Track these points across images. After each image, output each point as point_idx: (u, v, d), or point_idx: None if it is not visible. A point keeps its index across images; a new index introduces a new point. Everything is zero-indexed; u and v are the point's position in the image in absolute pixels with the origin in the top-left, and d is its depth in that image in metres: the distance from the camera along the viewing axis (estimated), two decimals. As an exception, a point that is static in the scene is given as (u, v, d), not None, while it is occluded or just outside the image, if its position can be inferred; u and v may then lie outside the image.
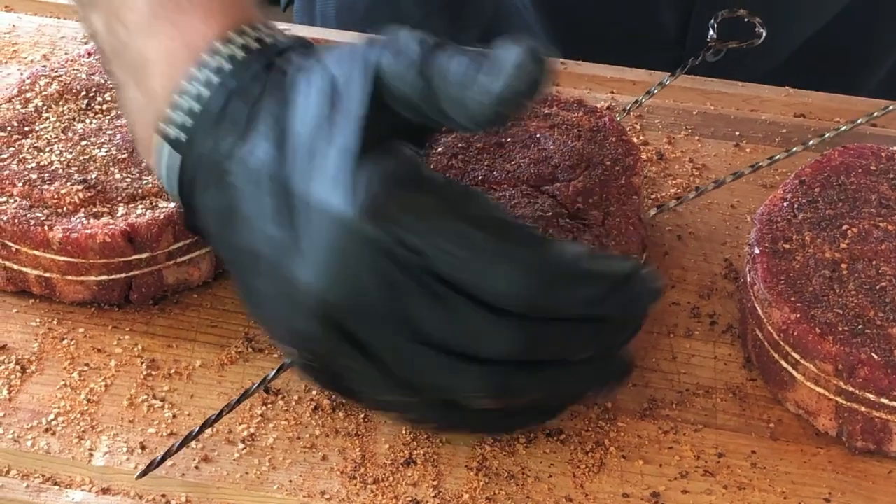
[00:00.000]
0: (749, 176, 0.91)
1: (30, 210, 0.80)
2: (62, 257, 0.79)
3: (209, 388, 0.78)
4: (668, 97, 0.99)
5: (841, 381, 0.73)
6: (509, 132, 0.85)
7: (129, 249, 0.79)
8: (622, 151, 0.84)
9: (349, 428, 0.75)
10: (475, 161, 0.83)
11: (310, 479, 0.73)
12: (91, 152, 0.83)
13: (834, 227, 0.79)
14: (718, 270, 0.86)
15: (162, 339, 0.80)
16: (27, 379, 0.78)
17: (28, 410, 0.76)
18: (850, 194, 0.81)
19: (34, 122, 0.85)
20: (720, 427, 0.76)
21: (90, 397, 0.77)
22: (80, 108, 0.86)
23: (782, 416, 0.77)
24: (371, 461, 0.74)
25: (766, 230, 0.79)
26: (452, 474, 0.74)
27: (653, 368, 0.80)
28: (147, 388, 0.78)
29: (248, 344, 0.80)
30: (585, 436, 0.76)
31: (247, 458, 0.74)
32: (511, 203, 0.80)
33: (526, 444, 0.75)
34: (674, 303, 0.84)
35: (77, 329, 0.81)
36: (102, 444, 0.74)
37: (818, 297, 0.75)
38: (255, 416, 0.76)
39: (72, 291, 0.81)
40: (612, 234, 0.79)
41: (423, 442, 0.75)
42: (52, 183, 0.81)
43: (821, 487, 0.73)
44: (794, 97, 1.00)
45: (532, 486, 0.73)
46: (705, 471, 0.74)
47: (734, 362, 0.80)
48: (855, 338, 0.73)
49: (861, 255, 0.77)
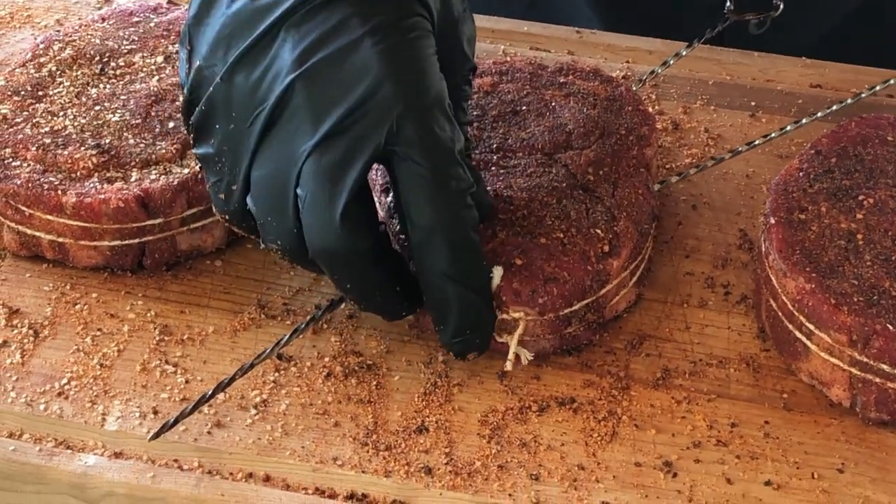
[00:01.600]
0: (764, 146, 0.91)
1: (43, 174, 0.80)
2: (75, 222, 0.79)
3: (222, 354, 0.78)
4: (685, 67, 0.98)
5: (855, 351, 0.73)
6: (525, 100, 0.84)
7: (143, 215, 0.79)
8: (637, 121, 0.84)
9: (361, 395, 0.75)
10: (490, 129, 0.82)
11: (322, 446, 0.73)
12: (105, 117, 0.83)
13: (850, 197, 0.79)
14: (733, 241, 0.86)
15: (175, 305, 0.80)
16: (40, 343, 0.78)
17: (41, 375, 0.76)
18: (867, 165, 0.81)
19: (48, 87, 0.85)
20: (733, 397, 0.76)
21: (103, 362, 0.77)
22: (94, 73, 0.86)
23: (796, 387, 0.77)
24: (383, 428, 0.74)
25: (781, 200, 0.79)
26: (464, 442, 0.73)
27: (666, 338, 0.79)
28: (160, 353, 0.78)
29: (261, 310, 0.80)
30: (598, 405, 0.75)
31: (259, 423, 0.74)
32: (526, 172, 0.80)
33: (538, 413, 0.75)
34: (688, 273, 0.83)
35: (90, 294, 0.81)
36: (115, 409, 0.74)
37: (833, 268, 0.75)
38: (268, 383, 0.76)
39: (85, 256, 0.81)
40: (623, 205, 0.79)
41: (436, 409, 0.75)
42: (65, 147, 0.81)
43: (834, 458, 0.73)
44: (810, 67, 0.99)
45: (544, 455, 0.73)
46: (718, 440, 0.74)
47: (748, 332, 0.80)
48: (870, 308, 0.73)
49: (877, 225, 0.77)
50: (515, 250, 0.75)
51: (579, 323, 0.77)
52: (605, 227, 0.77)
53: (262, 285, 0.82)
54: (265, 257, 0.83)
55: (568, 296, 0.75)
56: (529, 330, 0.75)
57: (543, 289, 0.74)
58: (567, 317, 0.76)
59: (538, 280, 0.74)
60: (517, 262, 0.75)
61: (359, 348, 0.78)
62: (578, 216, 0.77)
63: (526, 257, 0.75)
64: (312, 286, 0.82)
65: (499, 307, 0.74)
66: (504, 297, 0.74)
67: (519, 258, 0.75)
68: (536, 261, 0.75)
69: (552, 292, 0.75)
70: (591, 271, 0.75)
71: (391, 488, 0.71)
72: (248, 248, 0.84)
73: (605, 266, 0.76)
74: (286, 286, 0.82)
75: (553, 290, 0.75)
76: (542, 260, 0.75)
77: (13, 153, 0.81)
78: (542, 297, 0.74)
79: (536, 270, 0.75)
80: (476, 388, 0.76)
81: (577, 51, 1.00)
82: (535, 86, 0.86)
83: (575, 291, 0.75)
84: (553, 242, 0.76)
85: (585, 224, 0.77)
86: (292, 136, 0.68)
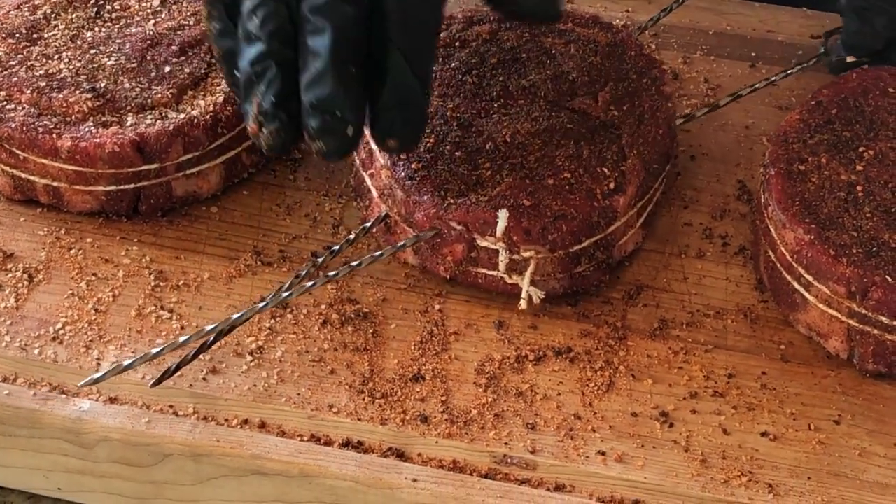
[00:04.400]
0: (764, 97, 0.90)
1: (38, 118, 0.79)
2: (70, 166, 0.78)
3: (217, 301, 0.77)
4: (685, 16, 0.97)
5: (854, 303, 0.72)
6: (524, 47, 0.84)
7: (138, 159, 0.78)
8: (644, 65, 0.83)
9: (357, 343, 0.75)
10: (490, 77, 0.82)
11: (318, 393, 0.73)
12: (100, 61, 0.82)
13: (850, 149, 0.78)
14: (731, 191, 0.85)
15: (170, 251, 0.80)
16: (34, 288, 0.77)
17: (35, 319, 0.76)
18: (868, 116, 0.80)
19: (42, 30, 0.84)
20: (730, 348, 0.76)
21: (98, 307, 0.76)
22: (90, 16, 0.85)
23: (793, 339, 0.77)
24: (379, 376, 0.74)
25: (781, 151, 0.78)
26: (461, 390, 0.73)
27: (664, 289, 0.79)
28: (155, 299, 0.77)
29: (257, 257, 0.80)
30: (595, 355, 0.75)
31: (255, 370, 0.74)
32: (531, 116, 0.79)
33: (535, 363, 0.75)
34: (686, 223, 0.83)
35: (85, 239, 0.80)
36: (110, 354, 0.74)
37: (833, 219, 0.74)
38: (264, 329, 0.76)
39: (80, 201, 0.80)
40: (640, 142, 0.78)
41: (432, 358, 0.75)
42: (60, 91, 0.80)
43: (831, 409, 0.73)
44: (811, 18, 0.99)
45: (540, 404, 0.73)
46: (715, 391, 0.74)
47: (746, 284, 0.80)
48: (869, 260, 0.72)
49: (877, 177, 0.77)
50: (523, 192, 0.75)
51: (589, 262, 0.76)
52: (612, 166, 0.77)
53: (258, 232, 0.81)
54: (261, 204, 0.83)
55: (577, 232, 0.75)
56: (540, 269, 0.75)
57: (553, 225, 0.74)
58: (577, 254, 0.76)
59: (547, 218, 0.74)
60: (525, 202, 0.75)
61: (355, 296, 0.78)
62: (590, 156, 0.77)
63: (533, 198, 0.75)
64: (308, 233, 0.81)
65: (509, 248, 0.74)
66: (515, 236, 0.74)
67: (527, 199, 0.75)
68: (544, 200, 0.75)
69: (561, 228, 0.74)
70: (597, 207, 0.75)
71: (387, 436, 0.71)
72: (244, 194, 0.83)
73: (611, 203, 0.76)
74: (282, 233, 0.81)
75: (562, 226, 0.75)
76: (550, 199, 0.75)
77: (7, 96, 0.80)
78: (551, 234, 0.74)
79: (544, 209, 0.75)
80: (473, 337, 0.76)
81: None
82: (534, 33, 0.85)
83: (583, 227, 0.75)
84: (560, 182, 0.76)
85: (594, 163, 0.77)
86: None
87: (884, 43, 0.88)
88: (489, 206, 0.74)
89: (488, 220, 0.74)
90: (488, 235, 0.74)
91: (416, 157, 0.77)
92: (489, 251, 0.75)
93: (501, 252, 0.74)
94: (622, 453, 0.71)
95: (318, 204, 0.83)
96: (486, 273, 0.76)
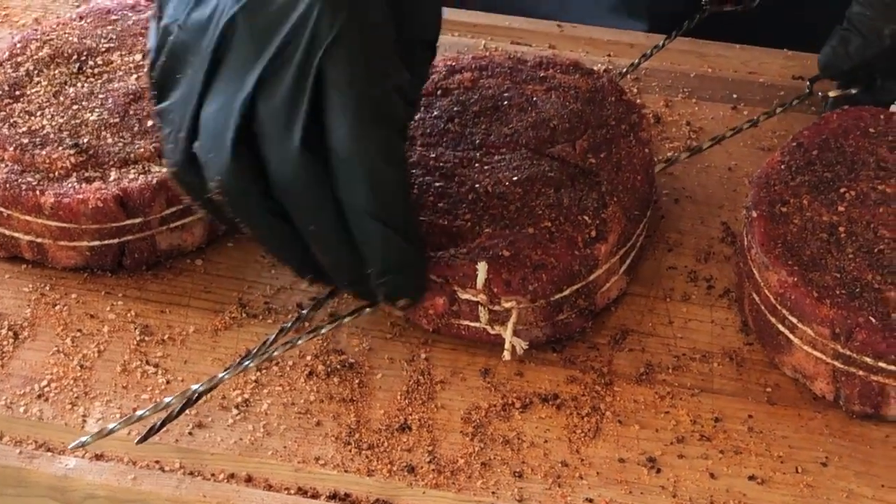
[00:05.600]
0: (746, 139, 0.90)
1: (21, 175, 0.79)
2: (54, 222, 0.78)
3: (203, 354, 0.77)
4: (666, 60, 0.98)
5: (838, 344, 0.72)
6: (506, 95, 0.84)
7: (122, 214, 0.79)
8: (624, 111, 0.84)
9: (344, 393, 0.75)
10: (472, 125, 0.82)
11: (304, 445, 0.73)
12: (83, 116, 0.82)
13: (832, 189, 0.79)
14: (716, 234, 0.85)
15: (155, 305, 0.80)
16: (20, 345, 0.77)
17: (21, 376, 0.76)
18: (849, 157, 0.80)
19: (25, 87, 0.84)
20: (717, 391, 0.76)
21: (83, 363, 0.76)
22: (72, 71, 0.85)
23: (779, 381, 0.76)
24: (366, 427, 0.74)
25: (763, 193, 0.78)
26: (447, 439, 0.73)
27: (649, 333, 0.79)
28: (140, 353, 0.77)
29: (242, 309, 0.80)
30: (581, 401, 0.75)
31: (241, 423, 0.74)
32: (512, 165, 0.79)
33: (521, 410, 0.75)
34: (671, 267, 0.83)
35: (70, 295, 0.80)
36: (96, 411, 0.74)
37: (816, 261, 0.75)
38: (250, 382, 0.76)
39: (64, 257, 0.80)
40: (619, 189, 0.79)
41: (419, 407, 0.75)
42: (43, 147, 0.80)
43: (818, 451, 0.73)
44: (792, 59, 0.99)
45: (528, 452, 0.73)
46: (702, 435, 0.74)
47: (731, 326, 0.80)
48: (852, 301, 0.72)
49: (859, 217, 0.77)
50: (503, 242, 0.75)
51: (571, 310, 0.76)
52: (592, 214, 0.77)
53: (242, 284, 0.81)
54: (245, 256, 0.83)
55: (557, 281, 0.75)
56: (522, 318, 0.75)
57: (532, 275, 0.74)
58: (559, 303, 0.76)
59: (527, 268, 0.74)
60: (505, 253, 0.75)
61: (341, 346, 0.78)
62: (570, 204, 0.77)
63: (513, 248, 0.75)
64: (294, 284, 0.81)
65: (490, 299, 0.74)
66: (495, 287, 0.74)
67: (506, 249, 0.75)
68: (524, 249, 0.75)
69: (541, 278, 0.74)
70: (578, 256, 0.75)
71: (374, 487, 0.71)
72: (228, 246, 0.83)
73: (592, 251, 0.76)
74: (267, 285, 0.81)
75: (542, 276, 0.74)
76: (530, 249, 0.75)
77: (-10, 153, 0.80)
78: (531, 284, 0.74)
79: (524, 259, 0.75)
80: (459, 385, 0.76)
81: (558, 45, 1.00)
82: (515, 80, 0.85)
83: (564, 276, 0.75)
84: (541, 231, 0.76)
85: (574, 211, 0.77)
86: (237, 71, 0.67)
87: (851, 66, 0.88)
88: (469, 258, 0.74)
89: (468, 273, 0.74)
90: (469, 288, 0.74)
91: None
92: (470, 303, 0.75)
93: (482, 304, 0.75)
94: (610, 500, 0.71)
95: (303, 254, 0.83)
96: (468, 325, 0.76)
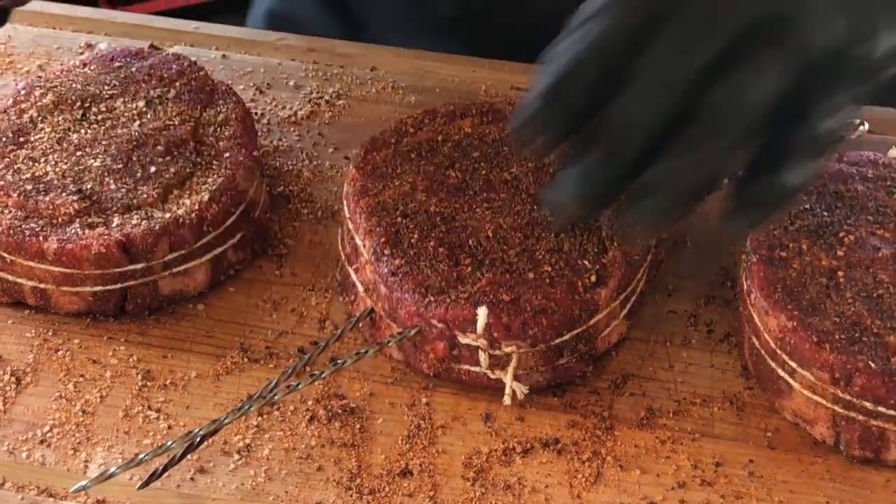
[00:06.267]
0: (746, 183, 0.91)
1: (24, 221, 0.80)
2: (57, 268, 0.79)
3: (204, 399, 0.77)
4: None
5: (838, 389, 0.73)
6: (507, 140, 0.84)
7: (125, 260, 0.79)
8: None
9: (345, 438, 0.75)
10: (473, 170, 0.82)
11: (305, 490, 0.73)
12: (86, 163, 0.83)
13: (830, 234, 0.79)
14: (716, 279, 0.86)
15: (157, 350, 0.80)
16: (22, 390, 0.77)
17: (23, 422, 0.76)
18: (847, 202, 0.81)
19: (29, 133, 0.85)
20: (718, 436, 0.76)
21: (85, 409, 0.77)
22: (76, 118, 0.86)
23: (780, 425, 0.77)
24: (367, 472, 0.74)
25: (762, 238, 0.79)
26: (448, 485, 0.73)
27: (650, 377, 0.79)
28: (142, 399, 0.77)
29: (244, 354, 0.80)
30: (582, 446, 0.75)
31: (242, 468, 0.74)
32: (513, 210, 0.80)
33: (522, 455, 0.75)
34: (671, 311, 0.83)
35: (72, 340, 0.81)
36: (98, 456, 0.74)
37: (815, 306, 0.75)
38: (251, 427, 0.76)
39: (67, 302, 0.80)
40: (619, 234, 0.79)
41: (420, 452, 0.75)
42: (46, 193, 0.81)
43: (818, 496, 0.73)
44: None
45: (528, 497, 0.73)
46: (703, 480, 0.74)
47: (731, 371, 0.80)
48: (852, 346, 0.73)
49: (858, 262, 0.77)
50: (503, 287, 0.76)
51: (571, 354, 0.77)
52: (592, 259, 0.77)
53: (244, 329, 0.81)
54: (247, 300, 0.83)
55: (558, 326, 0.75)
56: (523, 363, 0.76)
57: (533, 320, 0.75)
58: (559, 347, 0.76)
59: (527, 312, 0.75)
60: (505, 297, 0.75)
61: (342, 391, 0.78)
62: (570, 249, 0.78)
63: (513, 293, 0.75)
64: (295, 328, 0.81)
65: (490, 344, 0.74)
66: (495, 332, 0.74)
67: (507, 294, 0.75)
68: (524, 294, 0.75)
69: (542, 323, 0.75)
70: (578, 301, 0.76)
71: (375, 533, 0.71)
72: (230, 291, 0.84)
73: (592, 296, 0.76)
74: (268, 329, 0.82)
75: (542, 320, 0.75)
76: (531, 293, 0.75)
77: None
78: (532, 329, 0.75)
79: (524, 304, 0.75)
80: (460, 430, 0.76)
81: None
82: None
83: (564, 321, 0.76)
84: (541, 276, 0.76)
85: (574, 256, 0.77)
86: None
87: None
88: (469, 303, 0.75)
89: (468, 317, 0.74)
90: (469, 332, 0.75)
91: (400, 253, 0.77)
92: (471, 348, 0.75)
93: (482, 349, 0.75)
94: (611, 545, 0.71)
95: (304, 299, 0.83)
96: (469, 369, 0.76)
